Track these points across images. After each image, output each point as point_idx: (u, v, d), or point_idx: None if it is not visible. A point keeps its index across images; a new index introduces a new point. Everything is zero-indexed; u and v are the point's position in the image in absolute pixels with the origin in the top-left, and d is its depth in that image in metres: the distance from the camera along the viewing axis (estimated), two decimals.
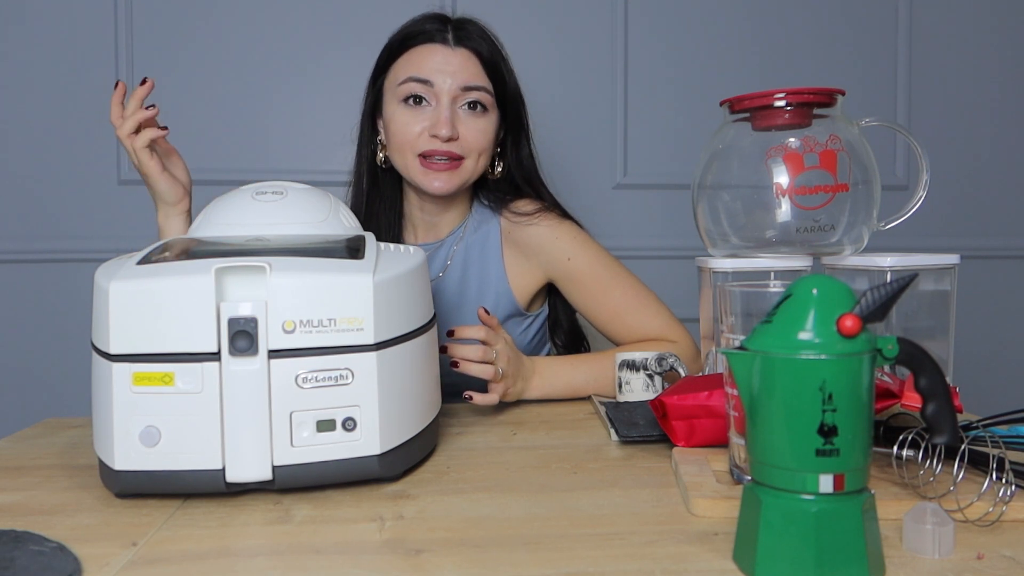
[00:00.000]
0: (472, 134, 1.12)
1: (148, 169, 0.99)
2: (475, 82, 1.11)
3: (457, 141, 1.11)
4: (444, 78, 1.10)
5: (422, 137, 1.10)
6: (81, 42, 1.81)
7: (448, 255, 1.21)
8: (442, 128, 1.08)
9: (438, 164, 1.11)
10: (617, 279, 1.17)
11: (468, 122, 1.12)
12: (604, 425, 0.92)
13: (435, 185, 1.11)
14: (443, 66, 1.10)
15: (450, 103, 1.10)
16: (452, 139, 1.10)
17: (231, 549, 0.58)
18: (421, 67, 1.11)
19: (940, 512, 0.55)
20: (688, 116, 1.91)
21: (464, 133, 1.11)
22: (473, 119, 1.12)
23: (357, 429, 0.68)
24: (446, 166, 1.11)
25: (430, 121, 1.10)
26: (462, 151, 1.11)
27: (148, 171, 0.99)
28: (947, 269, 0.86)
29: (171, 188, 1.01)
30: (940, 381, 0.54)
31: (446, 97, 1.10)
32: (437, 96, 1.10)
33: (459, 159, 1.11)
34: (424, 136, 1.10)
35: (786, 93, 0.88)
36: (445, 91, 1.10)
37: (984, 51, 1.98)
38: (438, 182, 1.11)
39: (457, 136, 1.10)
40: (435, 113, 1.10)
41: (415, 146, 1.11)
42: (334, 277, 0.68)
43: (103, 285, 0.66)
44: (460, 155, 1.11)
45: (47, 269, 1.83)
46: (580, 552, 0.56)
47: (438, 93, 1.10)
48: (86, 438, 0.89)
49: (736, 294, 0.67)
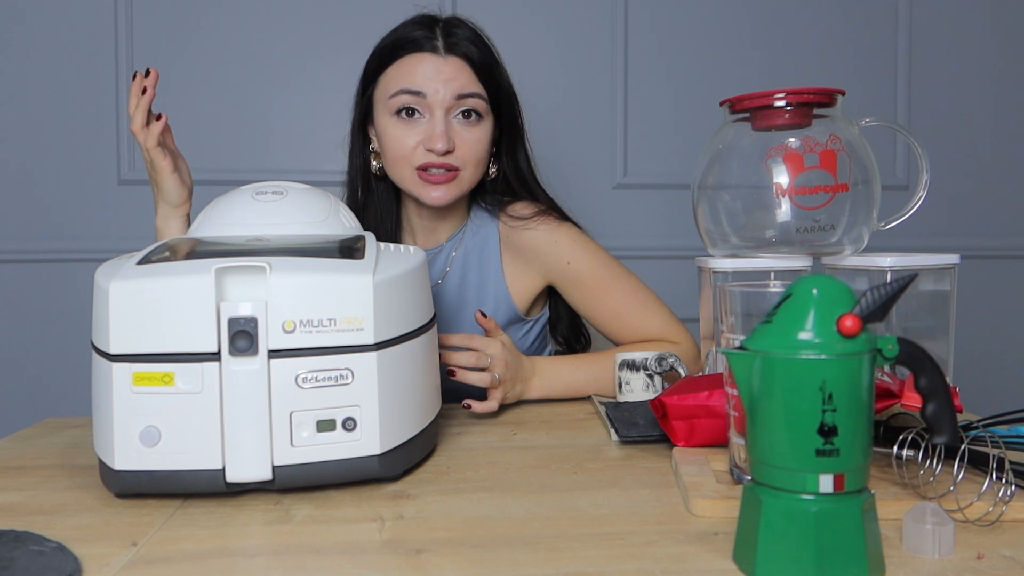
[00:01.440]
0: (468, 145, 1.10)
1: (160, 166, 0.99)
2: (468, 89, 1.09)
3: (453, 153, 1.09)
4: (436, 88, 1.07)
5: (417, 151, 1.09)
6: (81, 42, 1.81)
7: (447, 261, 1.20)
8: (438, 142, 1.06)
9: (435, 176, 1.09)
10: (617, 280, 1.16)
11: (463, 133, 1.10)
12: (604, 425, 0.92)
13: (433, 196, 1.10)
14: (435, 76, 1.08)
15: (444, 115, 1.08)
16: (448, 152, 1.08)
17: (231, 549, 0.58)
18: (413, 79, 1.08)
19: (940, 512, 0.55)
20: (688, 116, 1.91)
21: (460, 145, 1.09)
22: (468, 129, 1.10)
23: (357, 429, 0.68)
24: (444, 177, 1.09)
25: (424, 134, 1.08)
26: (459, 163, 1.10)
27: (160, 168, 0.99)
28: (947, 269, 0.86)
29: (178, 189, 1.02)
30: (940, 381, 0.54)
31: (439, 109, 1.08)
32: (430, 108, 1.08)
33: (456, 170, 1.10)
34: (420, 150, 1.08)
35: (786, 93, 0.88)
36: (438, 102, 1.07)
37: (984, 51, 1.98)
38: (436, 193, 1.10)
39: (453, 148, 1.08)
40: (429, 126, 1.08)
41: (411, 160, 1.09)
42: (334, 277, 0.68)
43: (103, 285, 0.66)
44: (457, 167, 1.10)
45: (47, 269, 1.83)
46: (580, 552, 0.56)
47: (431, 105, 1.08)
48: (86, 438, 0.89)
49: (736, 294, 0.67)
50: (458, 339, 0.99)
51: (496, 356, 0.98)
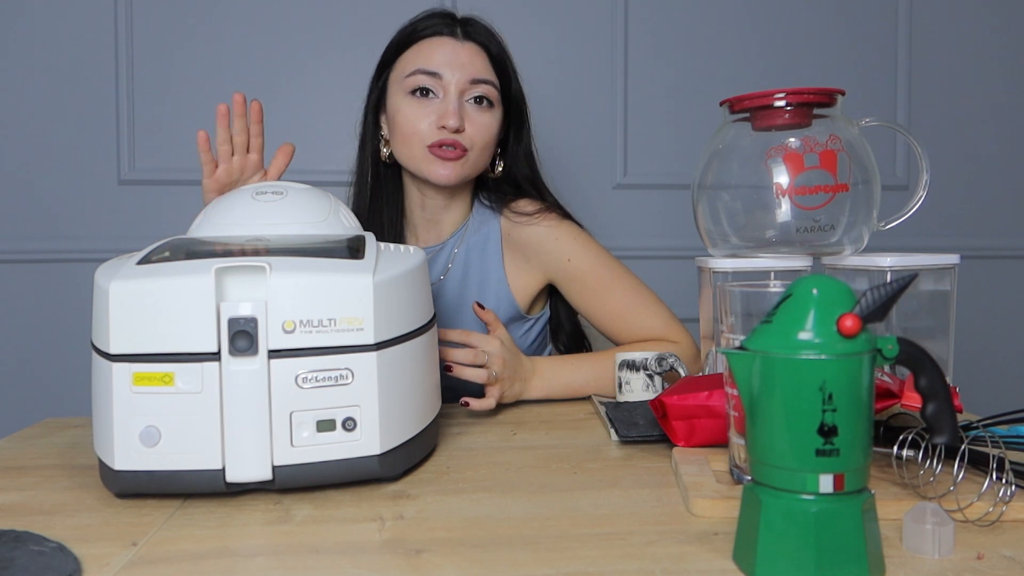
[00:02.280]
0: (477, 128, 1.12)
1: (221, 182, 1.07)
2: (483, 75, 1.12)
3: (464, 133, 1.11)
4: (453, 70, 1.10)
5: (430, 129, 1.11)
6: (81, 42, 1.81)
7: (449, 258, 1.21)
8: (450, 119, 1.08)
9: (445, 152, 1.11)
10: (618, 279, 1.17)
11: (474, 116, 1.12)
12: (604, 425, 0.92)
13: (441, 173, 1.11)
14: (452, 58, 1.11)
15: (458, 96, 1.10)
16: (459, 131, 1.10)
17: (231, 549, 0.58)
18: (430, 59, 1.11)
19: (940, 512, 0.55)
20: (688, 116, 1.91)
21: (470, 126, 1.11)
22: (479, 113, 1.12)
23: (357, 429, 0.68)
24: (453, 154, 1.11)
25: (437, 113, 1.10)
26: (468, 143, 1.12)
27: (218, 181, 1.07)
28: (947, 269, 0.86)
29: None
30: (940, 381, 0.54)
31: (454, 89, 1.10)
32: (445, 88, 1.11)
33: (465, 151, 1.12)
34: (432, 128, 1.10)
35: (786, 93, 0.88)
36: (453, 83, 1.10)
37: (984, 51, 1.98)
38: (444, 170, 1.11)
39: (463, 128, 1.11)
40: (443, 105, 1.10)
41: (423, 138, 1.11)
42: (334, 277, 0.68)
43: (103, 285, 0.66)
44: (466, 147, 1.11)
45: (47, 269, 1.83)
46: (580, 552, 0.56)
47: (446, 85, 1.10)
48: (86, 438, 0.89)
49: (736, 294, 0.67)
50: (456, 335, 0.99)
51: (494, 353, 0.98)
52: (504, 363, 0.99)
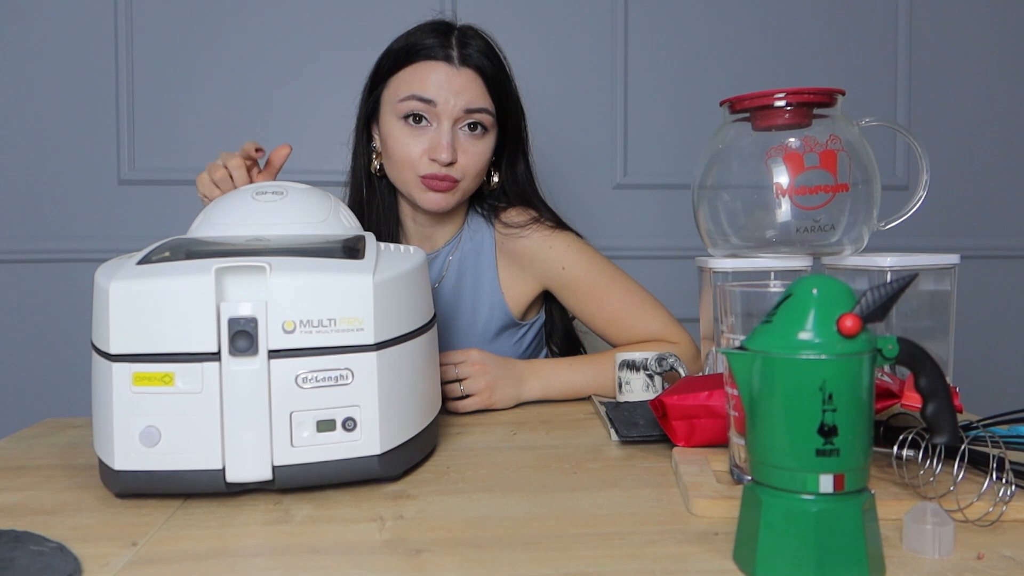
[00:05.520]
0: (470, 158, 1.10)
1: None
2: (478, 104, 1.09)
3: (455, 165, 1.09)
4: (447, 98, 1.07)
5: (422, 160, 1.08)
6: (81, 42, 1.81)
7: (443, 266, 1.20)
8: (442, 153, 1.06)
9: (436, 184, 1.09)
10: (614, 283, 1.16)
11: (467, 145, 1.10)
12: (604, 425, 0.92)
13: (432, 202, 1.10)
14: (446, 86, 1.07)
15: (451, 125, 1.08)
16: (451, 163, 1.08)
17: (231, 549, 0.58)
18: (424, 86, 1.08)
19: (940, 512, 0.55)
20: (688, 116, 1.91)
21: (462, 157, 1.09)
22: (472, 142, 1.10)
23: (357, 429, 0.68)
24: (444, 186, 1.09)
25: (430, 143, 1.08)
26: (459, 175, 1.10)
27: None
28: (947, 269, 0.86)
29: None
30: (940, 381, 0.54)
31: (447, 120, 1.07)
32: (438, 116, 1.08)
33: (456, 182, 1.10)
34: (424, 159, 1.08)
35: (786, 93, 0.88)
36: (447, 112, 1.07)
37: (984, 51, 1.98)
38: (435, 199, 1.10)
39: (456, 160, 1.09)
40: (435, 135, 1.08)
41: (415, 167, 1.09)
42: (334, 277, 0.68)
43: (103, 285, 0.66)
44: (457, 179, 1.10)
45: (47, 269, 1.83)
46: (580, 552, 0.56)
47: (440, 114, 1.08)
48: (86, 438, 0.89)
49: (736, 294, 0.67)
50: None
51: (473, 361, 1.00)
52: (486, 369, 1.00)
